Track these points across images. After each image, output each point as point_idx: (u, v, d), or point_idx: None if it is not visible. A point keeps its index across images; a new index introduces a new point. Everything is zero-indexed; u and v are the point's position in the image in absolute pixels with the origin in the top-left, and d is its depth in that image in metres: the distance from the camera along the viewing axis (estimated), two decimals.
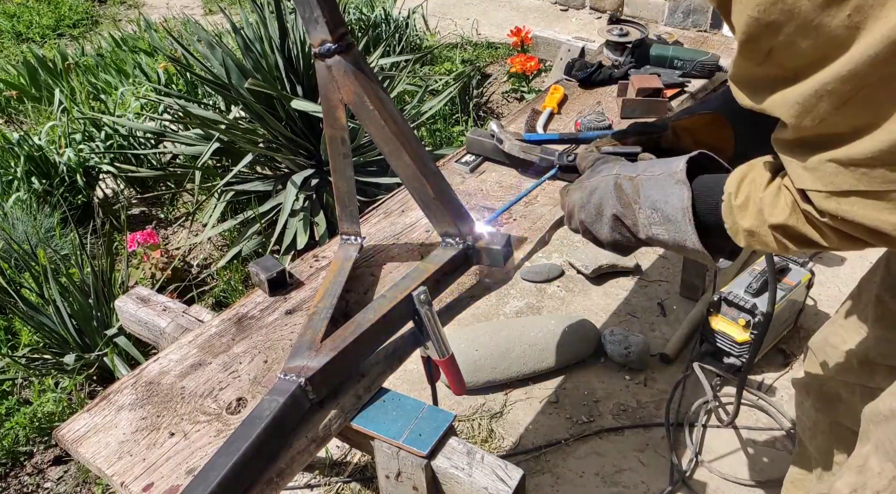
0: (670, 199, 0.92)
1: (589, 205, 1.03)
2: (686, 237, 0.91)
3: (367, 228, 1.42)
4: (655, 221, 0.94)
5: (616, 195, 0.99)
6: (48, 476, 1.91)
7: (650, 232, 0.95)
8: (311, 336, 1.05)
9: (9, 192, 2.81)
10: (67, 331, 2.09)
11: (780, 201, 0.80)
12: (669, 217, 0.92)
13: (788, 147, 0.75)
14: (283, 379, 0.98)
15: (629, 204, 0.97)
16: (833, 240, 0.76)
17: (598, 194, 1.02)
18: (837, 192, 0.71)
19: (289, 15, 2.62)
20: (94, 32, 5.23)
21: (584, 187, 1.05)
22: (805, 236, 0.78)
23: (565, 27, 4.72)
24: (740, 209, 0.85)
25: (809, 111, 0.68)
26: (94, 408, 1.06)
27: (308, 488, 1.83)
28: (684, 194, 0.90)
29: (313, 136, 2.62)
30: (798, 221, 0.78)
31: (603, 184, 1.02)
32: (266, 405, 0.95)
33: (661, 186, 0.93)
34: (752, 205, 0.83)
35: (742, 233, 0.85)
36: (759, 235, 0.83)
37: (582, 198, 1.05)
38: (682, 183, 0.91)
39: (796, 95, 0.69)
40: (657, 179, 0.94)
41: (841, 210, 0.72)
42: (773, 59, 0.69)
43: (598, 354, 2.15)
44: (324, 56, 1.06)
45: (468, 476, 0.98)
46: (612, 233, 1.01)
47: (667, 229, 0.92)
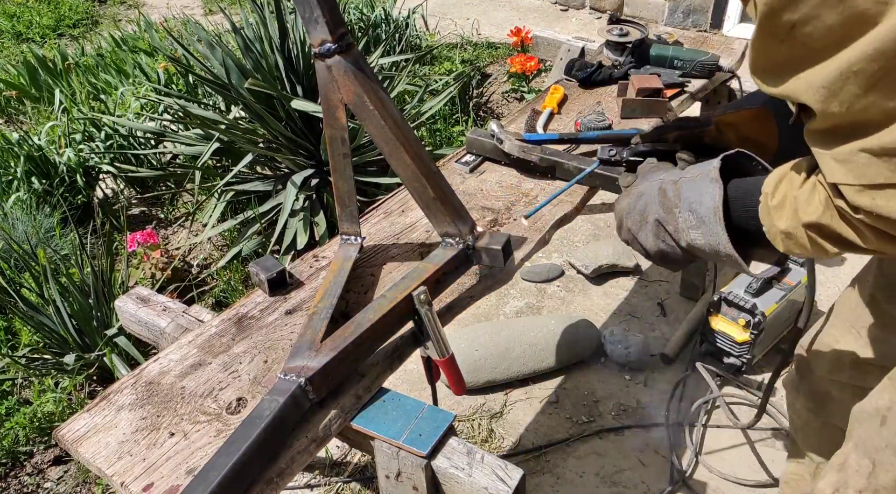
0: (704, 199, 0.89)
1: (634, 211, 1.02)
2: (718, 240, 0.87)
3: (367, 228, 1.42)
4: (692, 224, 0.90)
5: (660, 200, 0.97)
6: (48, 476, 1.91)
7: (689, 237, 0.92)
8: (311, 336, 1.05)
9: (9, 192, 2.81)
10: (67, 331, 2.09)
11: (815, 199, 0.75)
12: (703, 219, 0.88)
13: (818, 137, 0.71)
14: (283, 379, 0.98)
15: (671, 209, 0.94)
16: (871, 240, 0.72)
17: (644, 199, 1.00)
18: (871, 185, 0.66)
19: (289, 15, 2.62)
20: (94, 32, 5.23)
21: (632, 194, 1.04)
22: (840, 235, 0.74)
23: (565, 27, 4.72)
24: (777, 210, 0.81)
25: (836, 95, 0.65)
26: (94, 408, 1.06)
27: (308, 488, 1.83)
28: (716, 192, 0.87)
29: (313, 136, 2.62)
30: (832, 219, 0.74)
31: (649, 189, 1.00)
32: (266, 405, 0.95)
33: (697, 187, 0.91)
34: (788, 205, 0.79)
35: (779, 235, 0.82)
36: (795, 236, 0.80)
37: (629, 204, 1.03)
38: (714, 181, 0.88)
39: (821, 78, 0.65)
40: (694, 180, 0.92)
41: (876, 206, 0.67)
42: (795, 37, 0.65)
43: (598, 354, 2.15)
44: (324, 56, 1.06)
45: (468, 476, 0.98)
46: (656, 241, 0.98)
47: (702, 232, 0.89)
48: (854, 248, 0.75)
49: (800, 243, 0.80)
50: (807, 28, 0.64)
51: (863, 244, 0.73)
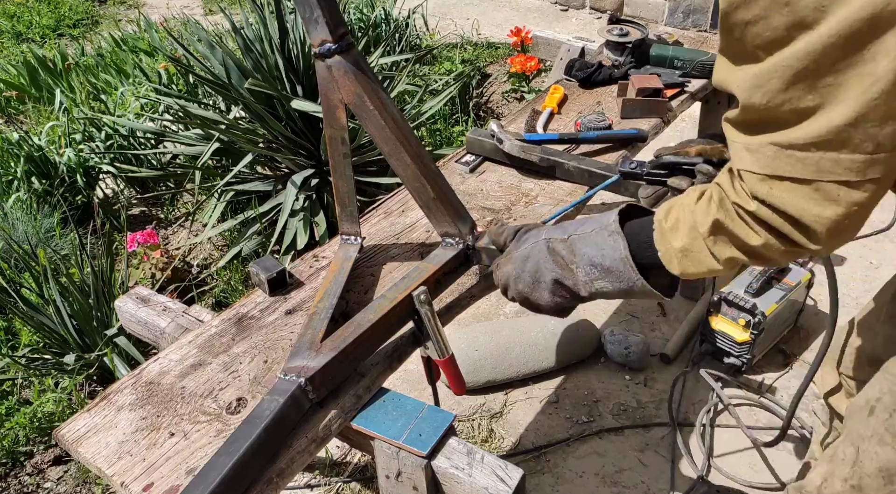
0: (606, 251, 0.93)
1: (524, 274, 1.02)
2: (632, 284, 0.91)
3: (367, 228, 1.42)
4: (596, 276, 0.94)
5: (552, 259, 0.99)
6: (48, 476, 1.91)
7: (593, 288, 0.95)
8: (311, 336, 1.05)
9: (9, 192, 2.81)
10: (67, 331, 2.09)
11: (711, 206, 0.81)
12: (610, 269, 0.92)
13: (736, 125, 0.77)
14: (283, 379, 0.98)
15: (566, 265, 0.97)
16: (758, 233, 0.77)
17: (532, 262, 1.01)
18: (772, 175, 0.73)
19: (289, 15, 2.62)
20: (94, 32, 5.23)
21: (515, 258, 1.04)
22: (734, 233, 0.79)
23: (565, 27, 4.72)
24: (672, 231, 0.86)
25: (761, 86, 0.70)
26: (94, 408, 1.06)
27: (308, 488, 1.83)
28: (620, 243, 0.91)
29: (313, 136, 2.62)
30: (726, 216, 0.79)
31: (535, 251, 1.01)
32: (266, 405, 0.95)
33: (594, 242, 0.94)
34: (683, 224, 0.84)
35: (675, 255, 0.86)
36: (692, 251, 0.84)
37: (516, 269, 1.03)
38: (616, 234, 0.92)
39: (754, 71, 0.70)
40: (589, 236, 0.95)
41: (771, 195, 0.73)
42: (746, 35, 0.70)
43: (598, 354, 2.15)
44: (324, 56, 1.06)
45: (468, 476, 0.98)
46: (552, 297, 1.01)
47: (610, 281, 0.93)
48: (744, 248, 0.80)
49: (697, 258, 0.84)
50: (756, 27, 0.69)
51: (751, 240, 0.78)
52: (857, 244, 2.53)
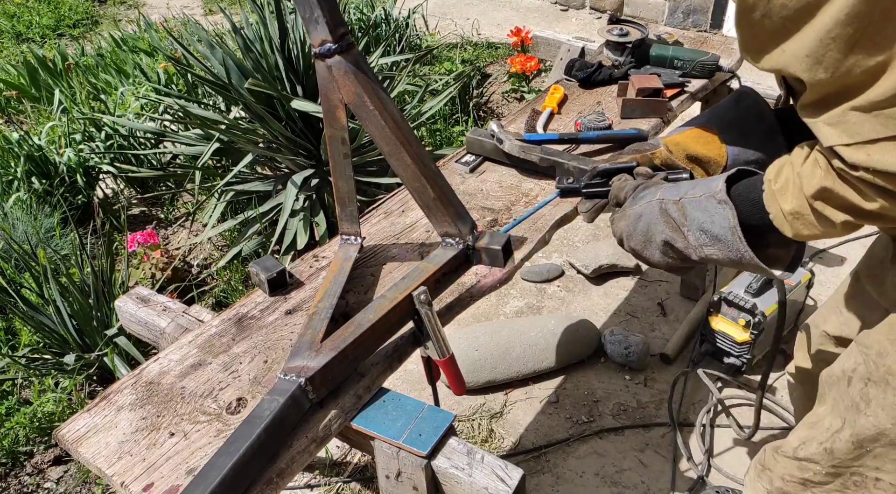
0: (716, 219, 0.91)
1: (636, 233, 1.02)
2: (741, 254, 0.89)
3: (367, 228, 1.42)
4: (705, 242, 0.93)
5: (664, 220, 0.98)
6: (48, 476, 1.91)
7: (703, 253, 0.94)
8: (311, 336, 1.05)
9: (9, 192, 2.81)
10: (67, 331, 2.09)
11: (817, 170, 0.78)
12: (719, 237, 0.91)
13: (811, 109, 0.74)
14: (283, 379, 0.98)
15: (677, 228, 0.96)
16: (872, 197, 0.74)
17: (645, 221, 1.01)
18: (865, 141, 0.70)
19: (289, 15, 2.62)
20: (94, 32, 5.23)
21: (629, 216, 1.04)
22: (845, 199, 0.76)
23: (565, 27, 4.72)
24: (781, 193, 0.84)
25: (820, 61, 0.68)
26: (94, 408, 1.06)
27: (308, 488, 1.83)
28: (728, 213, 0.89)
29: (313, 136, 2.62)
30: (834, 182, 0.76)
31: (648, 210, 1.01)
32: (266, 406, 0.95)
33: (704, 207, 0.93)
34: (792, 185, 0.82)
35: (787, 219, 0.84)
36: (802, 214, 0.82)
37: (628, 226, 1.04)
38: (724, 203, 0.90)
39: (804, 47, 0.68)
40: (699, 201, 0.94)
41: (871, 161, 0.70)
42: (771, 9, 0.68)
43: (598, 354, 2.15)
44: (324, 56, 1.06)
45: (468, 476, 0.98)
46: (663, 258, 1.00)
47: (718, 248, 0.91)
48: (859, 212, 0.77)
49: (808, 220, 0.81)
50: None
51: (866, 205, 0.75)
52: (858, 245, 2.53)
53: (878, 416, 0.93)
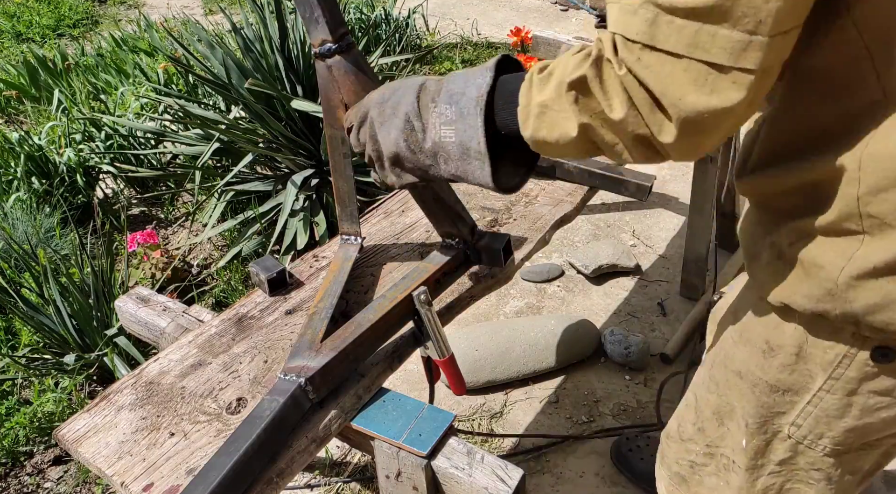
0: (468, 89, 0.81)
1: (386, 103, 0.90)
2: (472, 135, 0.80)
3: (367, 228, 1.42)
4: (447, 119, 0.82)
5: (417, 95, 0.87)
6: (48, 476, 1.91)
7: (438, 134, 0.83)
8: (311, 336, 1.05)
9: (9, 192, 2.81)
10: (67, 331, 2.09)
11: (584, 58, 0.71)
12: (462, 111, 0.81)
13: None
14: (283, 379, 0.98)
15: (427, 104, 0.85)
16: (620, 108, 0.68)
17: (400, 93, 0.90)
18: (645, 44, 0.64)
19: (289, 15, 2.62)
20: (94, 32, 5.23)
21: (389, 86, 0.93)
22: (597, 98, 0.70)
23: (565, 27, 4.72)
24: (542, 82, 0.75)
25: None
26: (94, 408, 1.06)
27: (308, 488, 1.83)
28: (486, 78, 0.80)
29: (313, 136, 2.62)
30: (595, 75, 0.69)
31: (408, 83, 0.90)
32: (266, 405, 0.95)
33: (464, 78, 0.83)
34: (555, 76, 0.74)
35: (532, 111, 0.75)
36: (550, 109, 0.73)
37: (382, 96, 0.92)
38: (488, 70, 0.81)
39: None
40: (465, 73, 0.84)
41: (638, 64, 0.65)
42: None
43: (598, 354, 2.15)
44: (324, 56, 1.06)
45: (468, 476, 0.98)
46: (398, 138, 0.88)
47: (455, 128, 0.82)
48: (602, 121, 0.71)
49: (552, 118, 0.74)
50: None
51: (611, 114, 0.69)
52: None
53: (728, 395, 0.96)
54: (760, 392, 0.90)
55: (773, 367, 0.87)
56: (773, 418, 0.91)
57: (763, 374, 0.88)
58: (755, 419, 0.92)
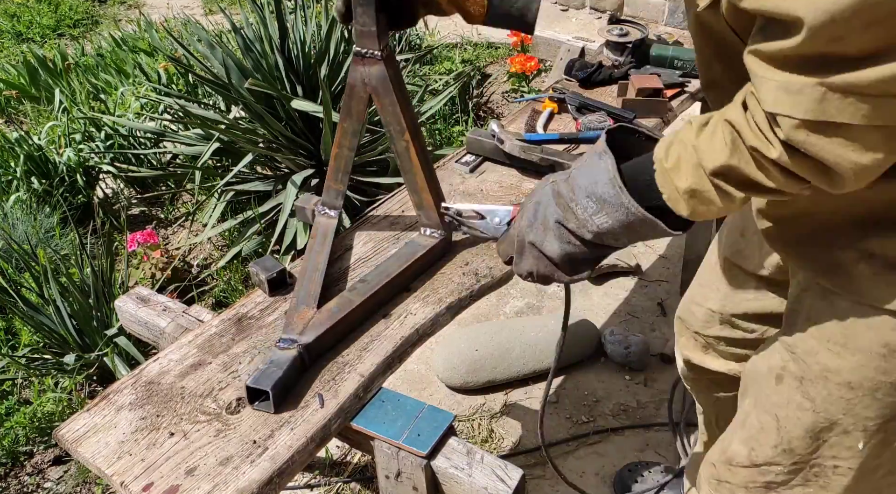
0: (598, 176, 0.85)
1: (536, 223, 0.95)
2: (626, 209, 0.83)
3: (367, 228, 1.42)
4: (594, 210, 0.86)
5: (555, 202, 0.92)
6: (48, 476, 1.91)
7: (594, 226, 0.88)
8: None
9: (9, 192, 2.81)
10: (67, 331, 2.09)
11: (718, 142, 0.74)
12: (603, 197, 0.85)
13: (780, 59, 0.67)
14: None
15: (567, 205, 0.89)
16: (777, 179, 0.72)
17: (542, 209, 0.94)
18: (814, 122, 0.66)
19: (289, 15, 2.62)
20: (94, 32, 5.23)
21: (527, 208, 0.98)
22: (748, 177, 0.74)
23: (565, 27, 4.72)
24: (674, 171, 0.79)
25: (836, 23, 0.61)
26: (94, 408, 1.06)
27: (308, 488, 1.83)
28: (608, 163, 0.84)
29: (313, 136, 2.62)
30: (741, 160, 0.73)
31: (543, 196, 0.94)
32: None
33: (587, 171, 0.88)
34: (686, 163, 0.78)
35: (683, 197, 0.80)
36: (700, 191, 0.78)
37: (527, 218, 0.96)
38: (604, 154, 0.85)
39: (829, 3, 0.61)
40: (584, 165, 0.89)
41: (807, 143, 0.67)
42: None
43: (598, 354, 2.15)
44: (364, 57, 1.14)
45: (468, 476, 0.98)
46: (561, 245, 0.92)
47: (607, 212, 0.85)
48: (759, 190, 0.75)
49: (705, 197, 0.78)
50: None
51: (769, 184, 0.73)
52: None
53: (829, 411, 0.94)
54: (884, 394, 0.90)
55: None
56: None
57: (885, 377, 0.88)
58: (876, 421, 0.92)
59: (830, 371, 0.92)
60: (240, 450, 0.97)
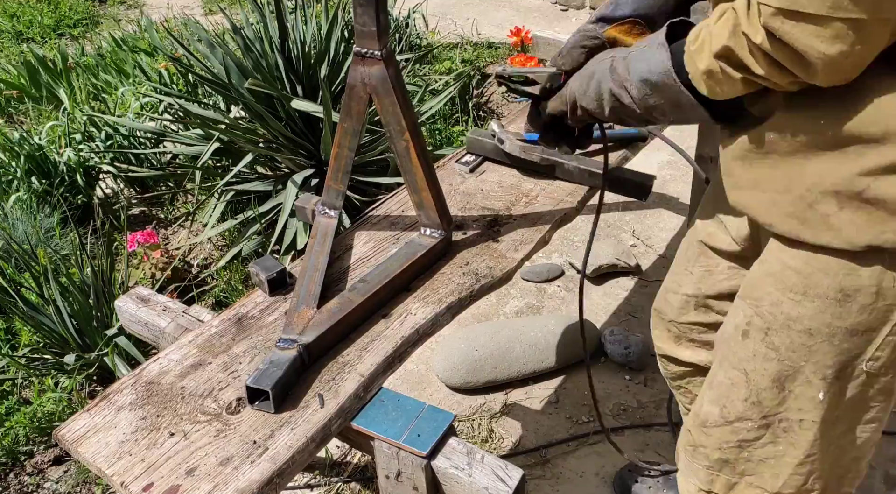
0: (653, 65, 0.94)
1: (589, 91, 1.05)
2: (678, 95, 0.93)
3: (367, 228, 1.42)
4: (647, 92, 0.96)
5: (611, 77, 1.01)
6: (48, 476, 1.91)
7: (647, 103, 0.98)
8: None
9: (9, 192, 2.81)
10: (67, 331, 2.09)
11: (724, 29, 0.83)
12: (657, 84, 0.94)
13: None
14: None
15: (622, 83, 0.99)
16: (763, 65, 0.81)
17: (597, 79, 1.04)
18: (788, 10, 0.74)
19: (289, 15, 2.62)
20: (94, 32, 5.23)
21: (582, 75, 1.08)
22: (741, 62, 0.83)
23: (565, 27, 4.72)
24: (697, 53, 0.88)
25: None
26: (94, 408, 1.06)
27: (308, 488, 1.83)
28: (664, 55, 0.93)
29: (313, 136, 2.62)
30: (737, 44, 0.82)
31: (599, 68, 1.05)
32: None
33: (645, 57, 0.96)
34: (706, 44, 0.87)
35: (702, 78, 0.89)
36: (713, 72, 0.87)
37: (581, 85, 1.07)
38: (661, 46, 0.94)
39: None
40: (642, 51, 0.97)
41: (782, 30, 0.76)
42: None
43: (598, 354, 2.15)
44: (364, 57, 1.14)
45: (468, 476, 0.98)
46: (614, 113, 1.04)
47: (659, 95, 0.95)
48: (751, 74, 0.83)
49: (717, 78, 0.87)
50: None
51: (758, 69, 0.82)
52: None
53: (792, 358, 0.98)
54: (840, 340, 0.94)
55: (851, 312, 0.92)
56: (852, 360, 0.95)
57: (841, 322, 0.93)
58: (834, 368, 0.96)
59: (792, 320, 0.96)
60: (240, 450, 0.97)
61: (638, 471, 1.72)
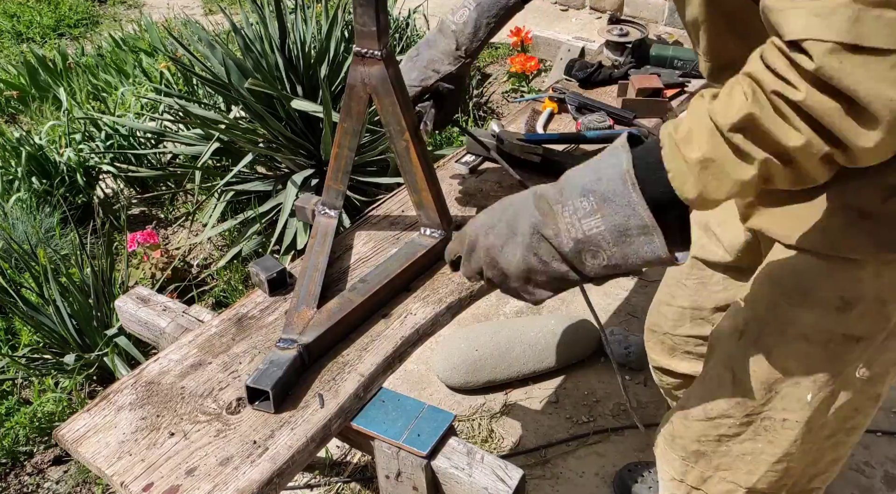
0: (605, 172, 0.75)
1: (500, 224, 0.84)
2: (631, 212, 0.73)
3: (367, 228, 1.42)
4: (588, 210, 0.75)
5: (535, 205, 0.81)
6: (48, 476, 1.91)
7: (580, 231, 0.76)
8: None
9: (9, 192, 2.81)
10: (67, 331, 2.09)
11: (736, 97, 0.67)
12: (606, 195, 0.74)
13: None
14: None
15: (549, 209, 0.79)
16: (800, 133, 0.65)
17: (513, 210, 0.83)
18: (849, 44, 0.60)
19: (289, 15, 2.62)
20: (94, 32, 5.23)
21: (494, 208, 0.87)
22: (769, 132, 0.66)
23: (565, 27, 4.72)
24: (686, 142, 0.70)
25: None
26: (94, 408, 1.06)
27: (308, 488, 1.83)
28: (622, 157, 0.74)
29: (313, 136, 2.62)
30: (762, 110, 0.65)
31: (518, 199, 0.84)
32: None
33: (591, 168, 0.77)
34: (700, 130, 0.70)
35: (692, 171, 0.70)
36: (714, 160, 0.69)
37: (491, 219, 0.86)
38: (619, 148, 0.76)
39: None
40: (586, 165, 0.79)
41: (841, 72, 0.60)
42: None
43: (598, 354, 2.15)
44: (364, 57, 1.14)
45: (468, 476, 0.98)
46: (525, 255, 0.81)
47: (603, 214, 0.75)
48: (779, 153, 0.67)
49: (719, 168, 0.69)
50: None
51: (789, 143, 0.65)
52: None
53: (784, 360, 0.98)
54: (836, 346, 0.94)
55: (850, 319, 0.91)
56: (845, 367, 0.95)
57: (839, 328, 0.92)
58: (826, 373, 0.95)
59: (787, 325, 0.96)
60: (240, 450, 0.97)
61: (637, 471, 1.73)
